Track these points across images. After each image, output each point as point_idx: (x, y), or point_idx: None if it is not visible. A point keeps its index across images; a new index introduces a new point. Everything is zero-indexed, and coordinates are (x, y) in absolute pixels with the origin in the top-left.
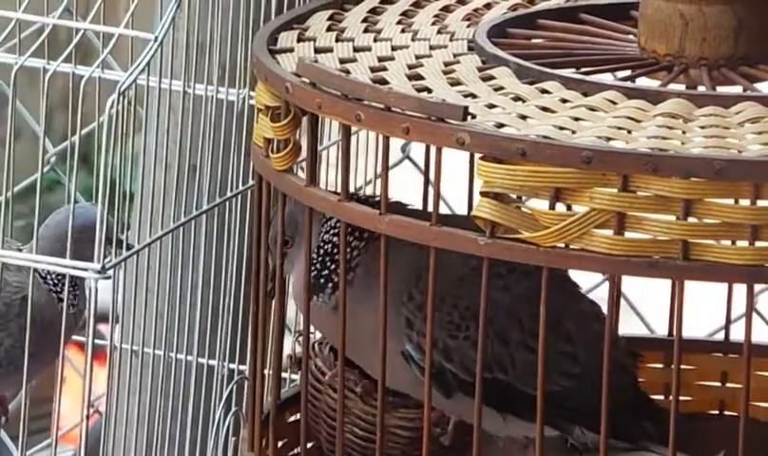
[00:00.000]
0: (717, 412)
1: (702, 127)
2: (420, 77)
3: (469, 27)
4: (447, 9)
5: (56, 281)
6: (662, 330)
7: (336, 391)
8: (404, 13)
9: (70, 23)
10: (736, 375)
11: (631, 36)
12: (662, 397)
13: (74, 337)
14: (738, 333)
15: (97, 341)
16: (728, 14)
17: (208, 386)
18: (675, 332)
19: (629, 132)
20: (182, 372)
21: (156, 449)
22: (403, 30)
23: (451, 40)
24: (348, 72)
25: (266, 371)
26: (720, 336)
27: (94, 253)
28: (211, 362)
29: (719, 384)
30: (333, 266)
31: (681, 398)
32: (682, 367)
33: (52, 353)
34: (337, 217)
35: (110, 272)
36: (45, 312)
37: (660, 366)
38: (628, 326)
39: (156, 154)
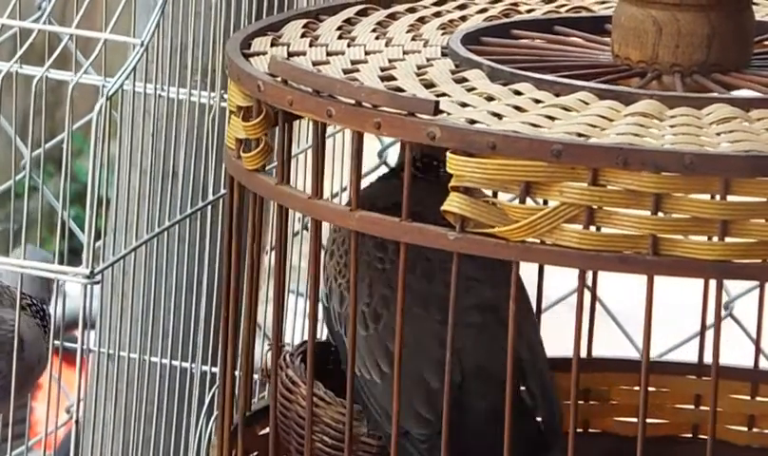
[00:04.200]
0: (690, 436)
1: (673, 126)
2: (393, 78)
3: (443, 35)
4: (422, 19)
5: (38, 309)
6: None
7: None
8: (379, 23)
9: (55, 28)
10: (709, 398)
11: (605, 46)
12: (635, 420)
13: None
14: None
15: (73, 345)
16: (701, 21)
17: (189, 390)
18: (644, 330)
19: (601, 129)
20: (160, 376)
21: (133, 454)
22: (377, 37)
23: (425, 46)
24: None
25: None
26: (694, 358)
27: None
28: (192, 366)
29: (692, 407)
30: None
31: (655, 421)
32: (656, 389)
33: (33, 385)
34: (307, 215)
35: (98, 276)
36: (33, 351)
37: (633, 388)
38: (616, 345)
39: (133, 159)
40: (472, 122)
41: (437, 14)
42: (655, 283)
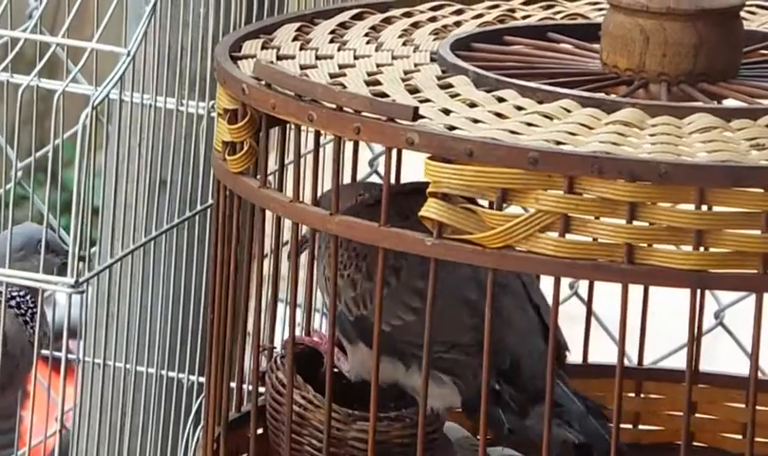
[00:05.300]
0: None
1: (653, 135)
2: (378, 83)
3: (435, 40)
4: (416, 25)
5: (20, 303)
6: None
7: (297, 404)
8: (373, 28)
9: (43, 38)
10: (704, 405)
11: (596, 53)
12: (629, 426)
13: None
14: (706, 364)
15: (58, 354)
16: (689, 31)
17: (177, 399)
18: (618, 337)
19: (580, 137)
20: (148, 385)
21: None
22: (368, 42)
23: (414, 51)
24: (306, 76)
25: (231, 384)
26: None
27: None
28: (180, 375)
29: None
30: None
31: (651, 428)
32: (652, 396)
33: (20, 381)
34: (288, 218)
35: (83, 286)
36: (16, 343)
37: (628, 394)
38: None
39: (123, 168)
40: (451, 128)
41: (432, 19)
42: (654, 289)
